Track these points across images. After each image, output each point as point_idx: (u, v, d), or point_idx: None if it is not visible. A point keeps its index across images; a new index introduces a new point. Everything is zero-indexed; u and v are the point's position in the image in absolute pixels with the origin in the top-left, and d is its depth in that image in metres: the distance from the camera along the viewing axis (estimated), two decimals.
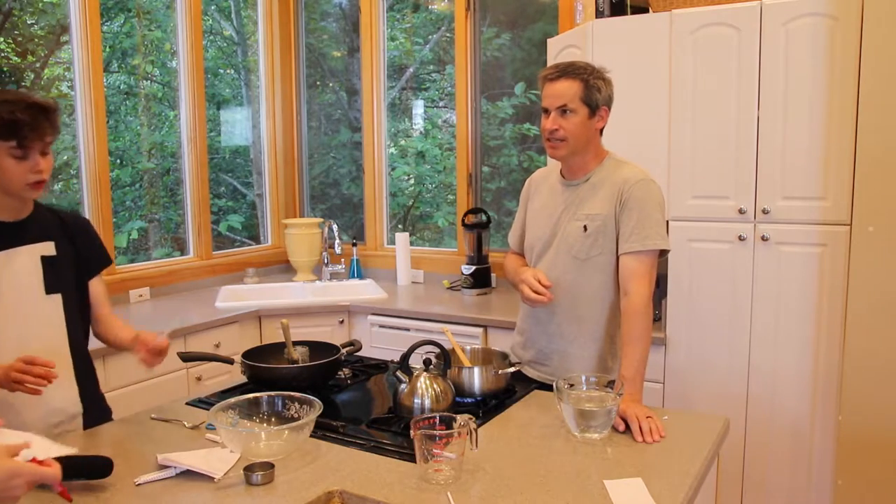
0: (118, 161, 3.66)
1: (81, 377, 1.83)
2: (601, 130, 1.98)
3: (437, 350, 1.84)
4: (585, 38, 2.79)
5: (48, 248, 1.76)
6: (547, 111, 1.92)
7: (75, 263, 1.82)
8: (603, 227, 1.93)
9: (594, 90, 1.88)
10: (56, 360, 1.62)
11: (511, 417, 1.79)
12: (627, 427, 1.66)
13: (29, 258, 1.72)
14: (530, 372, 2.10)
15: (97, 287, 1.92)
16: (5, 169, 1.62)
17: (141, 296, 3.46)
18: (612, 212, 1.92)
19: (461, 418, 1.47)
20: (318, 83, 4.58)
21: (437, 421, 1.48)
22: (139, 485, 1.42)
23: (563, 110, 1.88)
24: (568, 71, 1.89)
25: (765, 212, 2.53)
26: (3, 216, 1.71)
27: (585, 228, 1.95)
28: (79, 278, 1.84)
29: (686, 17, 2.60)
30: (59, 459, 1.44)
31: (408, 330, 3.23)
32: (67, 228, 1.83)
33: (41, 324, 1.74)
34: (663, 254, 1.94)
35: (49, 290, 1.75)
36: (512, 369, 1.91)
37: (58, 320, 1.77)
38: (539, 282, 1.92)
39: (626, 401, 1.71)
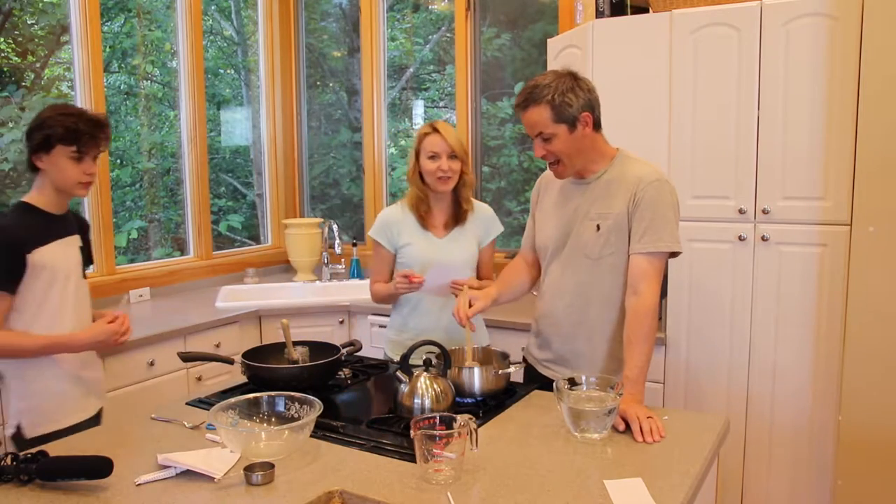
0: (118, 161, 3.66)
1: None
2: (597, 127, 1.92)
3: (437, 350, 1.84)
4: (585, 39, 2.79)
5: (78, 240, 2.09)
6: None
7: (87, 256, 2.15)
8: (615, 226, 1.91)
9: (564, 107, 1.83)
10: None
11: (511, 417, 1.79)
12: (627, 427, 1.66)
13: (73, 247, 2.05)
14: (545, 371, 2.09)
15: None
16: (63, 168, 1.93)
17: (141, 296, 3.46)
18: (624, 211, 1.90)
19: (461, 418, 1.47)
20: (318, 83, 4.58)
21: (437, 421, 1.48)
22: (139, 485, 1.42)
23: (543, 137, 1.87)
24: (532, 97, 1.85)
25: (765, 212, 2.53)
26: (54, 210, 2.01)
27: (598, 228, 1.93)
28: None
29: (686, 17, 2.60)
30: (59, 459, 1.44)
31: None
32: (82, 227, 2.15)
33: (84, 307, 2.08)
34: (674, 254, 1.93)
35: (84, 275, 2.09)
36: (512, 369, 1.91)
37: (89, 303, 2.11)
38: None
39: (627, 401, 1.71)
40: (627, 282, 1.91)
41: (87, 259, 2.17)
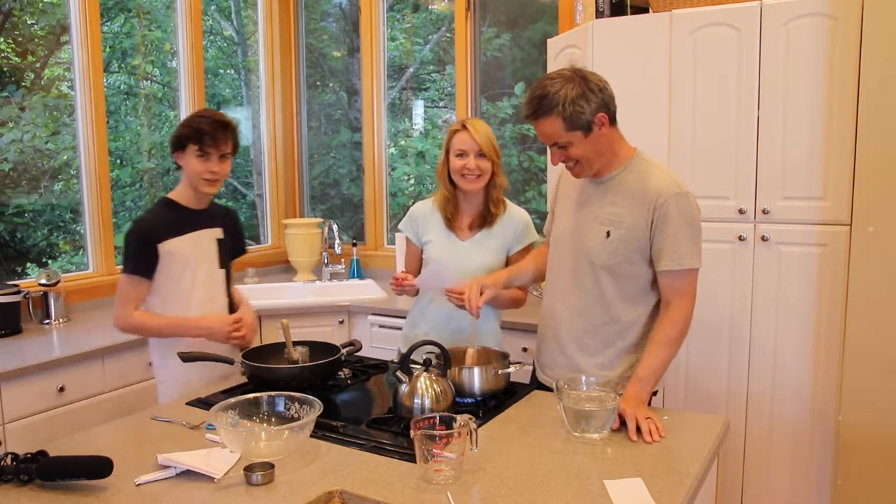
0: (118, 161, 3.66)
1: None
2: (613, 122, 1.84)
3: (437, 350, 1.84)
4: (585, 38, 2.79)
5: (219, 232, 2.27)
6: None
7: (231, 247, 2.33)
8: (627, 236, 1.83)
9: (577, 115, 1.74)
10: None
11: (511, 417, 1.79)
12: (624, 424, 1.66)
13: (210, 239, 2.24)
14: (543, 378, 2.07)
15: (231, 266, 2.41)
16: (191, 165, 2.12)
17: None
18: (641, 223, 1.82)
19: (461, 418, 1.47)
20: (318, 83, 4.58)
21: (437, 421, 1.48)
22: (139, 485, 1.42)
23: (559, 146, 1.81)
24: (542, 108, 1.76)
25: (765, 212, 2.53)
26: (193, 205, 2.20)
27: (608, 234, 1.85)
28: (231, 259, 2.36)
29: (686, 17, 2.60)
30: (59, 459, 1.44)
31: None
32: (229, 220, 2.34)
33: (217, 292, 2.26)
34: None
35: (221, 265, 2.27)
36: (512, 369, 1.91)
37: (223, 289, 2.29)
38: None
39: (629, 400, 1.71)
40: (662, 297, 1.87)
41: (237, 248, 2.38)
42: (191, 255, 2.17)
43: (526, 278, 2.18)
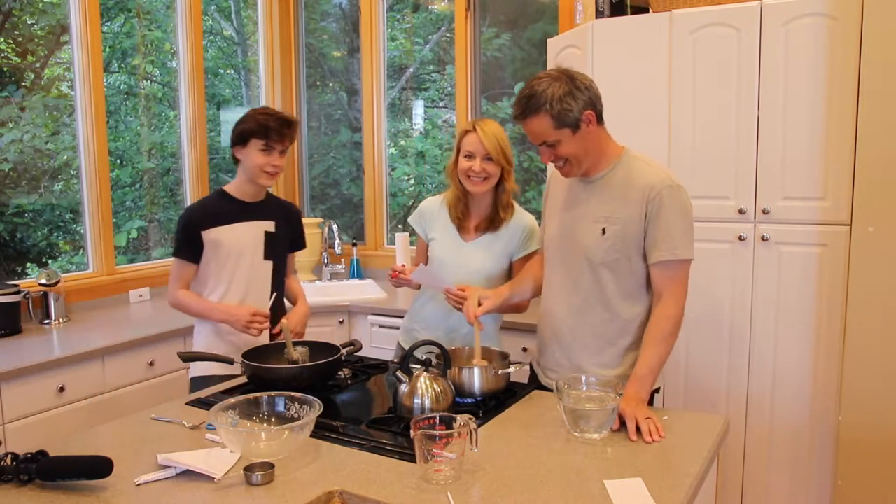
0: (118, 161, 3.66)
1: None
2: (600, 120, 1.85)
3: (437, 350, 1.84)
4: (585, 39, 2.79)
5: (270, 226, 2.35)
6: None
7: (288, 241, 2.43)
8: (622, 231, 1.84)
9: (565, 113, 1.76)
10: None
11: (511, 417, 1.79)
12: (624, 425, 1.66)
13: (257, 231, 2.32)
14: (546, 381, 2.06)
15: (290, 259, 2.50)
16: (253, 158, 2.23)
17: (141, 296, 3.46)
18: (635, 217, 1.83)
19: (461, 418, 1.47)
20: (318, 83, 4.58)
21: (437, 421, 1.48)
22: (139, 485, 1.42)
23: (547, 144, 1.82)
24: (530, 107, 1.77)
25: (765, 212, 2.53)
26: (246, 198, 2.32)
27: (604, 231, 1.86)
28: (287, 252, 2.45)
29: (686, 17, 2.60)
30: (59, 459, 1.44)
31: None
32: (287, 214, 2.43)
33: (259, 282, 2.33)
34: None
35: (266, 256, 2.34)
36: (512, 369, 1.91)
37: (267, 280, 2.35)
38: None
39: (628, 400, 1.71)
40: (653, 290, 1.87)
41: (295, 243, 2.47)
42: (234, 245, 2.27)
43: (524, 295, 2.16)
